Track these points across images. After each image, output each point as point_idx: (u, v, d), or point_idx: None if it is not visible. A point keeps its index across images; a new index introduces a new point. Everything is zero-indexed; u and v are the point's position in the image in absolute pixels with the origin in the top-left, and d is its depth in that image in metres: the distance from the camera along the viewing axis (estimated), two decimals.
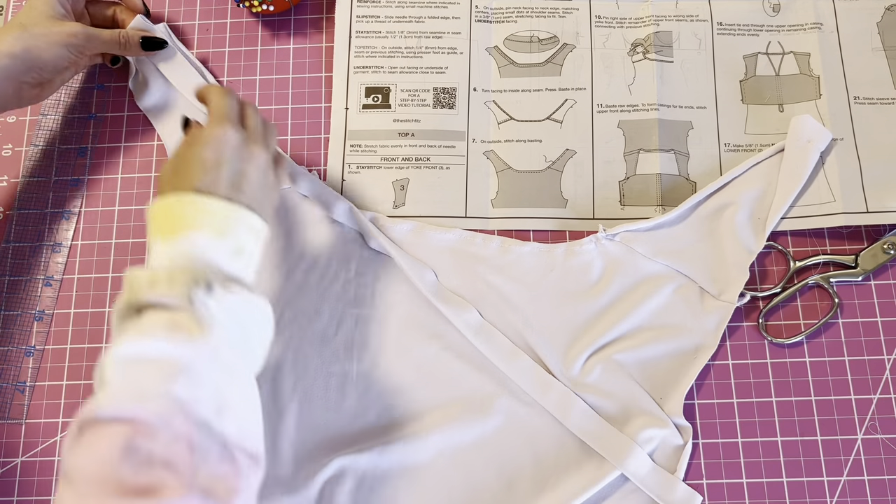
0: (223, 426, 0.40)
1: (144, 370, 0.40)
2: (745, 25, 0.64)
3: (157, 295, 0.42)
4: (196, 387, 0.40)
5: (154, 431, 0.38)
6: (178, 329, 0.41)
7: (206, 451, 0.39)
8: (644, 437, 0.53)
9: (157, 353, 0.40)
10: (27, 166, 0.63)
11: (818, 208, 0.58)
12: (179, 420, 0.38)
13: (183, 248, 0.44)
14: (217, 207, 0.46)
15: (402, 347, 0.57)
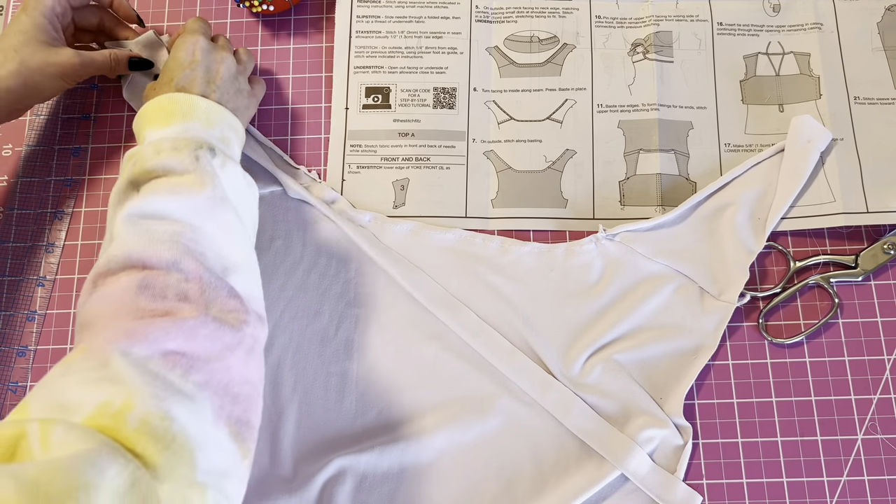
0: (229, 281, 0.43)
1: (152, 224, 0.43)
2: (746, 25, 0.64)
3: (161, 161, 0.45)
4: (203, 245, 0.43)
5: (167, 272, 0.41)
6: (182, 187, 0.44)
7: (217, 289, 0.42)
8: (644, 437, 0.53)
9: (164, 209, 0.43)
10: (21, 166, 0.63)
11: (818, 208, 0.58)
12: (190, 262, 0.42)
13: (177, 131, 0.48)
14: (201, 103, 0.50)
15: (402, 347, 0.57)
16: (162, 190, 0.44)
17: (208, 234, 0.44)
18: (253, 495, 0.53)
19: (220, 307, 0.42)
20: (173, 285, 0.41)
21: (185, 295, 0.40)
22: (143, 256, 0.41)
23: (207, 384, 0.38)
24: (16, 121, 0.65)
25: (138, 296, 0.40)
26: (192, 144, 0.46)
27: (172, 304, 0.40)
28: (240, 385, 0.41)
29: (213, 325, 0.40)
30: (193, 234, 0.43)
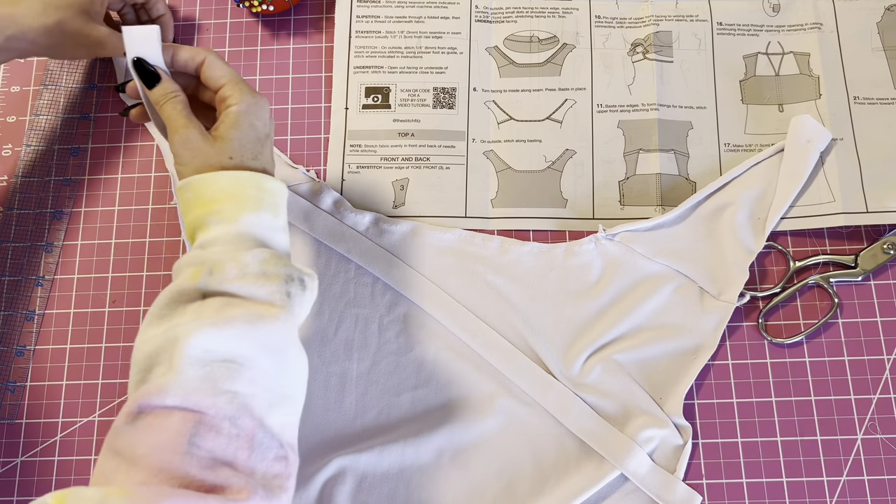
0: (272, 421, 0.41)
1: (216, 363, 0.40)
2: (745, 25, 0.64)
3: (245, 286, 0.42)
4: (256, 384, 0.41)
5: (219, 425, 0.39)
6: (262, 322, 0.41)
7: (266, 450, 0.40)
8: (644, 436, 0.53)
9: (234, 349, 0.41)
10: (20, 166, 0.63)
11: (818, 208, 0.58)
12: (247, 419, 0.40)
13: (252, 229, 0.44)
14: (271, 185, 0.46)
15: (402, 347, 0.57)
16: (238, 324, 0.41)
17: (266, 373, 0.41)
18: None
19: (265, 472, 0.40)
20: (223, 446, 0.39)
21: (234, 458, 0.39)
22: (202, 405, 0.39)
23: None
24: (15, 121, 0.65)
25: (188, 454, 0.38)
26: (281, 273, 0.43)
27: (223, 473, 0.38)
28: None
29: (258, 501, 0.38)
30: (252, 375, 0.41)
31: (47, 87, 0.65)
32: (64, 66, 0.66)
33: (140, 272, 0.60)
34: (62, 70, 0.65)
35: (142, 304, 0.60)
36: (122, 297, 0.60)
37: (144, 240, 0.61)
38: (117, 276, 0.60)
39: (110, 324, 0.59)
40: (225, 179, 0.45)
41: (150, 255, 0.61)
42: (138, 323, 0.59)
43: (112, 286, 0.60)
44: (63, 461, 0.56)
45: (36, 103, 0.65)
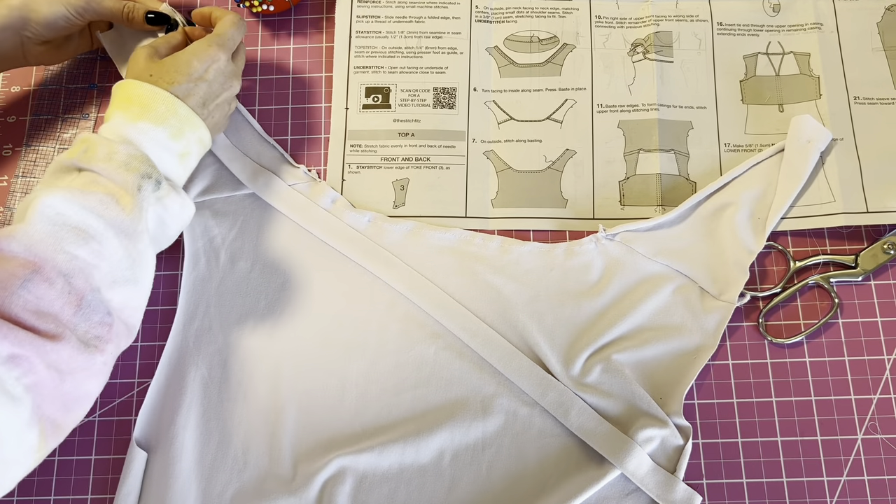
0: (111, 294, 0.46)
1: (67, 229, 0.45)
2: (745, 25, 0.64)
3: (108, 168, 0.47)
4: (103, 257, 0.46)
5: (53, 279, 0.43)
6: (115, 204, 0.46)
7: (92, 313, 0.45)
8: (644, 436, 0.52)
9: (84, 219, 0.45)
10: (21, 166, 0.63)
11: (818, 208, 0.58)
12: (80, 279, 0.44)
13: (141, 136, 0.49)
14: (181, 110, 0.51)
15: (402, 347, 0.57)
16: (92, 199, 0.46)
17: (113, 249, 0.46)
18: (253, 495, 0.53)
19: (87, 329, 0.44)
20: (51, 296, 0.43)
21: (59, 311, 0.43)
22: (42, 256, 0.43)
23: (38, 388, 0.42)
24: (15, 121, 0.65)
25: (16, 295, 0.42)
26: (141, 169, 0.48)
27: (42, 320, 0.42)
28: (73, 398, 0.44)
29: (70, 351, 0.43)
30: (100, 247, 0.45)
31: (47, 87, 0.65)
32: (64, 66, 0.66)
33: None
34: (62, 70, 0.65)
35: None
36: None
37: None
38: None
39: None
40: (142, 88, 0.51)
41: None
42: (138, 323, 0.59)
43: None
44: (63, 461, 0.56)
45: (36, 103, 0.65)
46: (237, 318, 0.58)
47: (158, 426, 0.55)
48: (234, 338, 0.57)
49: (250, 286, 0.58)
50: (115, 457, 0.56)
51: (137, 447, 0.54)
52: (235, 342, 0.57)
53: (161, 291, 0.60)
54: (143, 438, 0.55)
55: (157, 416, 0.56)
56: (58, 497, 0.56)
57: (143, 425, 0.55)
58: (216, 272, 0.59)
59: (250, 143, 0.62)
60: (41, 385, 0.42)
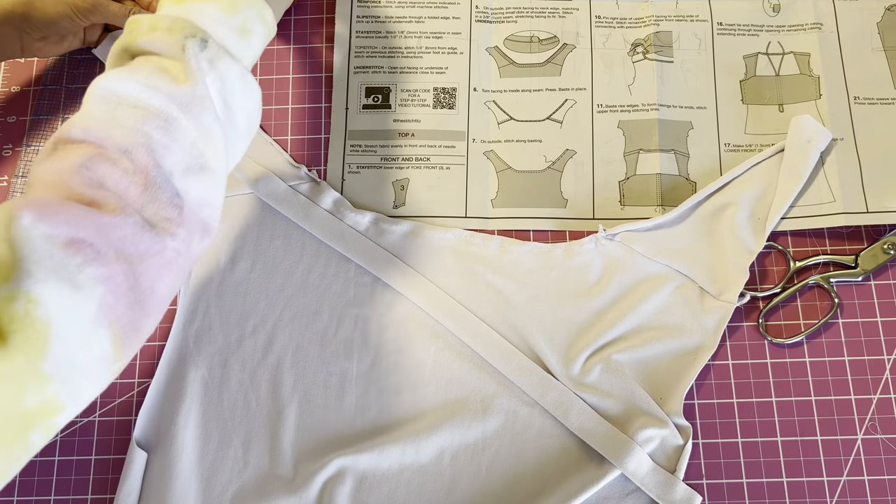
0: (186, 185, 0.42)
1: (121, 107, 0.41)
2: (745, 25, 0.64)
3: (152, 39, 0.43)
4: (171, 138, 0.41)
5: (116, 159, 0.40)
6: (165, 73, 0.42)
7: (160, 190, 0.40)
8: (644, 436, 0.52)
9: (138, 93, 0.41)
10: (21, 166, 0.63)
11: (818, 208, 0.58)
12: (143, 154, 0.40)
13: (191, 11, 0.44)
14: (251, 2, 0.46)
15: (402, 347, 0.57)
16: (143, 72, 0.42)
17: (182, 129, 0.42)
18: (253, 495, 0.53)
19: (155, 211, 0.40)
20: (115, 175, 0.39)
21: (124, 189, 0.40)
22: (101, 136, 0.40)
23: (107, 280, 0.37)
24: (16, 121, 0.65)
25: (77, 174, 0.39)
26: (185, 30, 0.43)
27: (103, 194, 0.39)
28: (144, 293, 0.39)
29: (134, 228, 0.39)
30: (166, 125, 0.41)
31: (47, 87, 0.65)
32: (64, 66, 0.66)
33: None
34: (62, 70, 0.66)
35: None
36: None
37: None
38: None
39: None
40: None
41: None
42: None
43: None
44: (63, 461, 0.56)
45: (36, 103, 0.65)
46: (237, 318, 0.58)
47: (158, 426, 0.55)
48: (234, 338, 0.57)
49: (250, 286, 0.59)
50: (115, 457, 0.56)
51: (137, 447, 0.54)
52: (235, 342, 0.57)
53: None
54: (143, 438, 0.55)
55: (157, 416, 0.56)
56: (58, 497, 0.56)
57: (143, 425, 0.55)
58: (216, 272, 0.59)
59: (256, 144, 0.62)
60: (112, 279, 0.37)
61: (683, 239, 0.58)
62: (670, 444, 0.53)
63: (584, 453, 0.54)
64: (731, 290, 0.56)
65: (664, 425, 0.53)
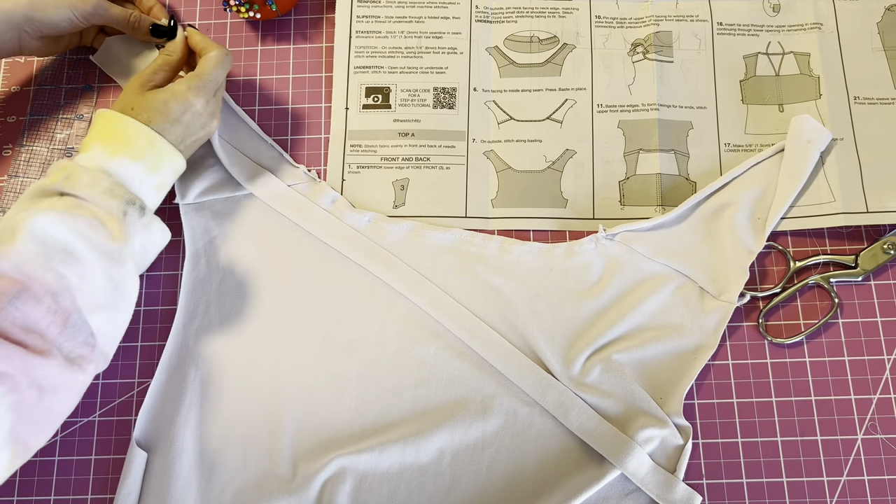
0: (91, 319, 0.47)
1: (56, 250, 0.46)
2: (745, 25, 0.64)
3: (91, 195, 0.48)
4: (87, 281, 0.47)
5: (41, 296, 0.44)
6: (103, 227, 0.48)
7: (77, 332, 0.46)
8: (644, 436, 0.53)
9: (72, 240, 0.47)
10: (20, 166, 0.63)
11: (818, 208, 0.58)
12: (66, 299, 0.46)
13: (119, 170, 0.50)
14: (161, 147, 0.52)
15: (402, 347, 0.57)
16: (82, 222, 0.47)
17: (97, 276, 0.47)
18: (253, 495, 0.53)
19: (71, 348, 0.46)
20: (39, 313, 0.44)
21: (45, 328, 0.44)
22: (30, 275, 0.45)
23: (18, 406, 0.42)
24: (15, 121, 0.65)
25: (5, 310, 0.43)
26: (125, 196, 0.50)
27: (31, 336, 0.44)
28: (47, 416, 0.45)
29: (56, 369, 0.44)
30: (83, 270, 0.47)
31: (45, 87, 0.65)
32: (64, 66, 0.66)
33: None
34: (62, 70, 0.65)
35: (142, 304, 0.59)
36: None
37: None
38: None
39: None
40: (123, 122, 0.51)
41: None
42: (138, 323, 0.59)
43: None
44: (63, 461, 0.56)
45: (35, 103, 0.65)
46: (237, 318, 0.58)
47: (158, 426, 0.55)
48: (234, 338, 0.57)
49: (250, 286, 0.58)
50: (115, 457, 0.56)
51: (137, 447, 0.54)
52: (235, 342, 0.57)
53: (161, 291, 0.60)
54: (143, 438, 0.55)
55: (157, 416, 0.56)
56: (58, 497, 0.56)
57: (143, 425, 0.55)
58: (216, 272, 0.59)
59: (249, 144, 0.62)
60: (21, 404, 0.42)
61: (683, 239, 0.58)
62: (670, 444, 0.53)
63: (584, 453, 0.54)
64: (731, 290, 0.56)
65: (664, 425, 0.53)
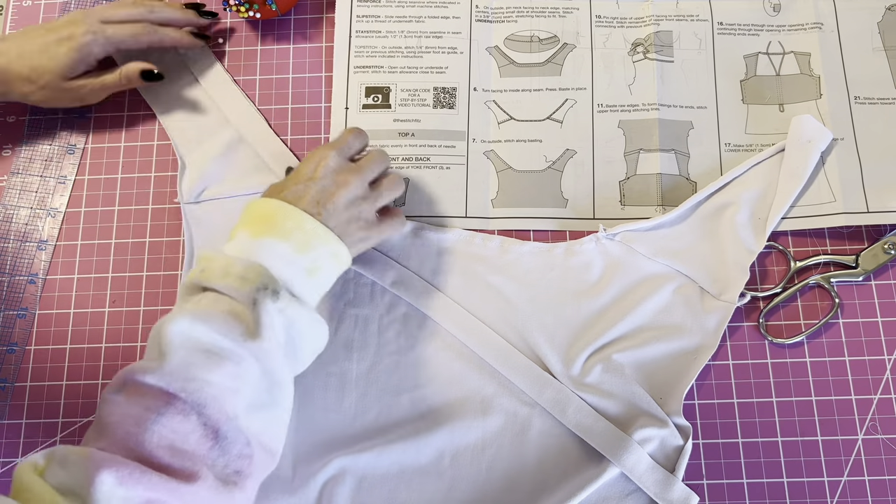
0: (249, 422, 0.43)
1: (197, 353, 0.43)
2: (746, 25, 0.64)
3: (225, 286, 0.45)
4: (241, 381, 0.43)
5: (187, 412, 0.41)
6: (238, 323, 0.44)
7: (230, 445, 0.42)
8: (643, 436, 0.52)
9: (212, 340, 0.43)
10: (20, 166, 0.63)
11: (819, 208, 0.58)
12: (215, 409, 0.42)
13: (264, 251, 0.47)
14: (310, 226, 0.48)
15: (402, 347, 0.57)
16: (217, 320, 0.44)
17: (250, 373, 0.44)
18: None
19: (226, 463, 0.42)
20: (186, 431, 0.41)
21: (195, 447, 0.41)
22: (174, 388, 0.42)
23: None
24: (15, 121, 0.65)
25: (150, 429, 0.40)
26: (257, 280, 0.45)
27: (178, 460, 0.41)
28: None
29: (208, 492, 0.41)
30: (236, 369, 0.43)
31: None
32: None
33: (140, 272, 0.60)
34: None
35: (141, 305, 0.60)
36: (122, 297, 0.60)
37: (144, 240, 0.61)
38: (117, 276, 0.60)
39: (110, 324, 0.59)
40: (268, 204, 0.49)
41: (149, 255, 0.61)
42: (138, 323, 0.59)
43: (112, 286, 0.60)
44: None
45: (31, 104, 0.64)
46: None
47: None
48: None
49: None
50: None
51: None
52: None
53: (161, 292, 0.60)
54: None
55: None
56: None
57: None
58: None
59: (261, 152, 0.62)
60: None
61: (684, 239, 0.58)
62: (670, 444, 0.53)
63: (584, 453, 0.54)
64: (732, 290, 0.56)
65: (664, 425, 0.53)
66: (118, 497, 0.38)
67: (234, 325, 0.44)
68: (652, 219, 0.58)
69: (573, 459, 0.54)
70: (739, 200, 0.57)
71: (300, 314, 0.47)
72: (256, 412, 0.44)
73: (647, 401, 0.54)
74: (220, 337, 0.43)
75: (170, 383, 0.42)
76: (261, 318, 0.45)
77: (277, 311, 0.46)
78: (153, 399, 0.41)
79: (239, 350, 0.44)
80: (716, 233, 0.57)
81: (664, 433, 0.53)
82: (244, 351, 0.44)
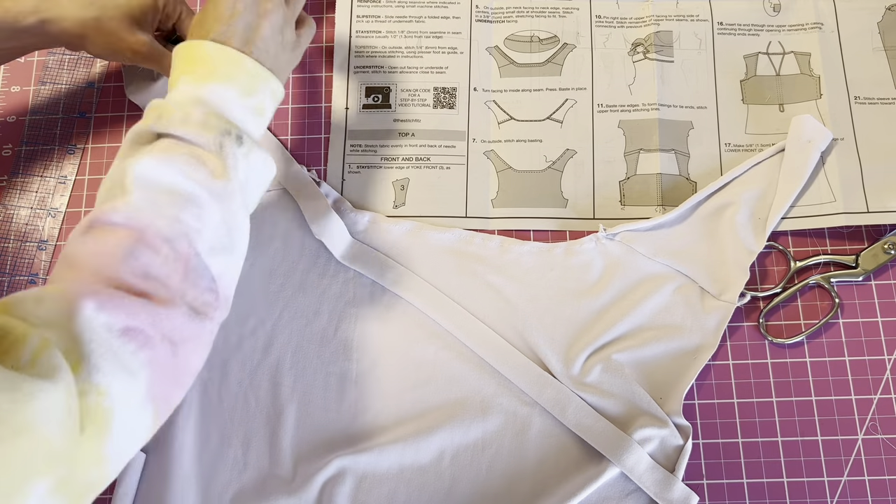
0: (210, 263, 0.44)
1: (161, 196, 0.43)
2: (746, 25, 0.64)
3: (187, 132, 0.45)
4: (202, 222, 0.44)
5: (157, 246, 0.42)
6: (202, 165, 0.45)
7: (199, 278, 0.44)
8: (643, 436, 0.52)
9: (176, 181, 0.44)
10: (20, 165, 0.63)
11: (819, 208, 0.58)
12: (184, 243, 0.43)
13: (213, 97, 0.46)
14: (248, 64, 0.48)
15: (402, 347, 0.57)
16: (180, 161, 0.44)
17: (211, 213, 0.45)
18: (253, 496, 0.53)
19: (195, 296, 0.43)
20: (159, 264, 0.42)
21: (167, 277, 0.42)
22: (142, 224, 0.42)
23: (153, 362, 0.40)
24: (15, 121, 0.65)
25: (124, 262, 0.41)
26: (220, 127, 0.46)
27: (152, 284, 0.41)
28: (181, 370, 0.43)
29: (183, 318, 0.42)
30: (199, 211, 0.44)
31: (46, 86, 0.65)
32: (64, 66, 0.66)
33: None
34: (62, 69, 0.65)
35: None
36: None
37: None
38: None
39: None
40: (206, 48, 0.47)
41: None
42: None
43: None
44: None
45: (35, 102, 0.65)
46: (236, 319, 0.58)
47: None
48: (233, 338, 0.57)
49: (250, 287, 0.58)
50: None
51: None
52: (235, 342, 0.57)
53: None
54: None
55: None
56: None
57: None
58: None
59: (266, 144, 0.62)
60: (157, 360, 0.40)
61: (684, 239, 0.58)
62: (670, 443, 0.53)
63: (584, 452, 0.54)
64: (732, 290, 0.56)
65: (664, 425, 0.53)
66: (100, 322, 0.38)
67: (198, 167, 0.44)
68: (652, 219, 0.58)
69: (573, 459, 0.54)
70: (739, 200, 0.57)
71: (257, 157, 0.47)
72: (217, 255, 0.45)
73: (647, 401, 0.54)
74: (183, 179, 0.44)
75: (139, 219, 0.42)
76: (226, 161, 0.45)
77: (242, 155, 0.46)
78: (124, 235, 0.42)
79: (202, 193, 0.44)
80: (716, 233, 0.57)
81: (664, 433, 0.53)
82: (207, 194, 0.44)
